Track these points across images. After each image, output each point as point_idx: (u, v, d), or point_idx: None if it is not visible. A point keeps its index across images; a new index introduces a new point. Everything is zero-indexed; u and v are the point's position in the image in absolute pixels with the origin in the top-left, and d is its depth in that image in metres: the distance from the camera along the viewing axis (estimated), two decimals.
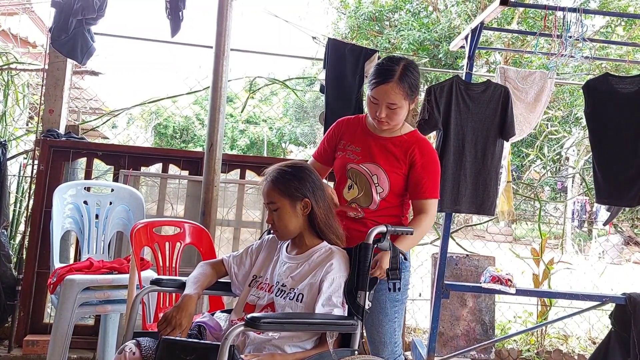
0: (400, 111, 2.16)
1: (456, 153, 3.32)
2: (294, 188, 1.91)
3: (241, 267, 2.06)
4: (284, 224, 1.92)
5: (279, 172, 1.95)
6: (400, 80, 2.11)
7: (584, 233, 14.65)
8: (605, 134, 3.40)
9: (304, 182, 1.93)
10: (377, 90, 2.14)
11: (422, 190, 2.21)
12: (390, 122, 2.18)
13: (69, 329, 2.76)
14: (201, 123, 19.36)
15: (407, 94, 2.14)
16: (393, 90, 2.11)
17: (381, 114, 2.15)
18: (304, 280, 1.86)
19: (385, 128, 2.22)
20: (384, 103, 2.14)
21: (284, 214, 1.91)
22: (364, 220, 2.21)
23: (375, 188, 2.20)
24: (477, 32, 3.44)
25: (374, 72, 2.17)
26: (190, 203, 3.69)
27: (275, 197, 1.91)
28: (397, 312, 2.26)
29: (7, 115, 4.34)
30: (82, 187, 3.35)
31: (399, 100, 2.13)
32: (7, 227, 3.81)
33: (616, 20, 13.35)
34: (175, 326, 1.76)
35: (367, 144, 2.27)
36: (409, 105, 2.19)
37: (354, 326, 1.80)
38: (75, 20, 3.65)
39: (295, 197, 1.91)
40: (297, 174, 1.94)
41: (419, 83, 2.20)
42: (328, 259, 1.88)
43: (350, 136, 2.32)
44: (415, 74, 2.18)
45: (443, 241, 3.49)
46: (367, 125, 2.32)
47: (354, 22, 15.50)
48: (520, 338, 4.54)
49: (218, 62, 3.36)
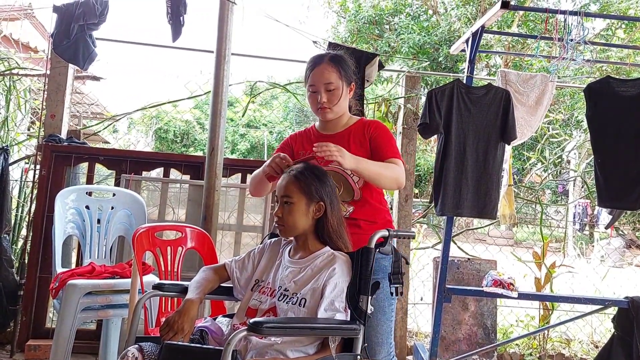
0: (337, 92, 2.22)
1: (457, 157, 3.32)
2: (315, 188, 1.93)
3: (243, 271, 2.06)
4: (294, 220, 1.92)
5: (303, 170, 1.97)
6: (331, 60, 2.23)
7: (586, 236, 14.63)
8: (606, 136, 3.40)
9: (325, 185, 1.96)
10: (312, 75, 2.24)
11: (384, 153, 2.21)
12: (331, 105, 2.22)
13: (71, 334, 2.76)
14: (202, 127, 19.39)
15: (340, 74, 2.22)
16: (326, 69, 2.21)
17: (322, 98, 2.21)
18: (307, 284, 1.86)
19: (330, 116, 2.26)
20: (321, 85, 2.22)
21: (296, 211, 1.92)
22: (357, 222, 2.22)
23: (351, 178, 2.22)
24: (477, 36, 3.45)
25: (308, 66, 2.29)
26: (192, 207, 3.69)
27: (293, 192, 1.92)
28: (393, 310, 2.29)
29: (9, 120, 4.34)
30: (83, 192, 3.36)
31: (335, 79, 2.21)
32: (9, 232, 3.81)
33: (617, 23, 13.37)
34: (177, 331, 1.75)
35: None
36: (346, 89, 2.25)
37: (357, 331, 1.79)
38: (76, 25, 3.67)
39: (312, 197, 1.92)
40: (320, 176, 1.97)
41: (350, 69, 2.28)
42: (331, 264, 1.88)
43: (306, 144, 2.34)
44: (346, 59, 2.29)
45: (444, 245, 3.49)
46: (317, 129, 2.37)
47: (354, 26, 15.54)
48: (523, 342, 4.53)
49: (219, 67, 3.37)
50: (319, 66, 2.23)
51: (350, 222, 2.20)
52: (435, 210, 3.41)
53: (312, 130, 2.39)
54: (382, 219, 2.28)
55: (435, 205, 3.38)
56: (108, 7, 3.73)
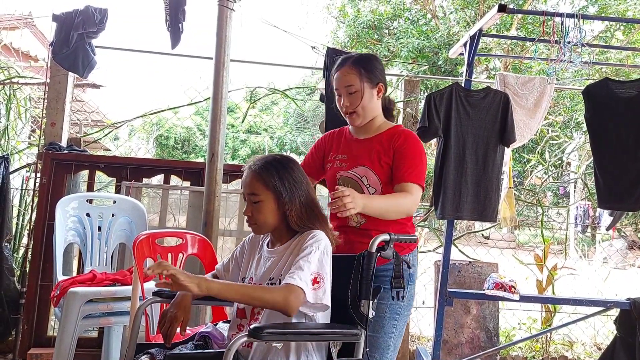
0: (359, 95, 2.18)
1: (457, 160, 3.33)
2: (280, 180, 1.83)
3: (230, 273, 2.03)
4: (265, 218, 1.85)
5: (263, 162, 1.87)
6: (353, 63, 2.19)
7: (588, 238, 14.61)
8: (605, 138, 3.40)
9: (285, 174, 1.85)
10: (335, 79, 2.22)
11: (401, 174, 2.14)
12: (354, 108, 2.19)
13: (73, 342, 2.75)
14: (202, 133, 19.41)
15: (362, 75, 2.17)
16: (347, 73, 2.18)
17: (345, 102, 2.20)
18: (285, 265, 1.82)
19: (357, 122, 2.23)
20: (343, 89, 2.20)
21: (266, 208, 1.84)
22: (368, 232, 2.13)
23: (367, 189, 2.18)
24: (475, 39, 3.46)
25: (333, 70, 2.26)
26: (192, 214, 3.69)
27: (259, 189, 1.83)
28: (396, 327, 2.15)
29: (9, 128, 4.35)
30: (84, 200, 3.36)
31: (355, 81, 2.17)
32: (10, 241, 3.82)
33: (615, 25, 13.38)
34: (172, 321, 1.76)
35: (351, 150, 2.27)
36: (370, 90, 2.20)
37: (358, 336, 1.79)
38: (76, 34, 3.69)
39: (280, 190, 1.83)
40: (285, 165, 1.88)
41: (377, 69, 2.23)
42: (304, 236, 1.82)
43: (336, 147, 2.34)
44: (371, 59, 2.25)
45: (445, 248, 3.49)
46: (350, 132, 2.34)
47: (353, 31, 15.57)
48: (525, 345, 4.52)
49: (218, 73, 3.37)
50: (340, 69, 2.20)
51: (360, 232, 2.17)
52: (436, 214, 3.40)
53: (346, 131, 2.36)
54: (400, 230, 2.16)
55: (436, 209, 3.38)
56: (107, 16, 3.75)
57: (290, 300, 1.63)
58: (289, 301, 1.63)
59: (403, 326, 2.19)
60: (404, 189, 2.12)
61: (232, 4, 3.39)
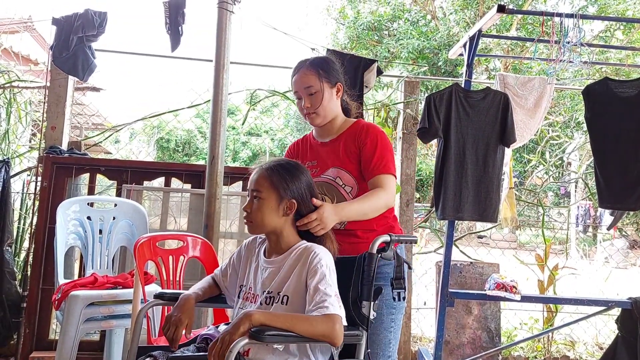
0: (319, 95, 2.19)
1: (457, 160, 3.33)
2: (287, 185, 1.84)
3: (228, 279, 2.03)
4: (262, 217, 1.84)
5: (275, 164, 1.89)
6: (310, 65, 2.21)
7: (589, 238, 14.61)
8: (605, 138, 3.40)
9: (298, 181, 1.87)
10: (294, 82, 2.23)
11: (371, 168, 2.14)
12: (315, 109, 2.20)
13: (75, 345, 2.75)
14: (203, 136, 19.43)
15: (320, 76, 2.18)
16: (305, 74, 2.19)
17: (306, 103, 2.20)
18: (287, 281, 1.81)
19: (318, 121, 2.23)
20: (302, 90, 2.20)
21: (266, 207, 1.83)
22: (354, 232, 2.16)
23: (343, 190, 2.18)
24: (475, 40, 3.46)
25: (291, 74, 2.27)
26: (193, 216, 3.69)
27: (264, 187, 1.84)
28: (394, 320, 2.17)
29: (10, 132, 4.36)
30: (85, 203, 3.36)
31: (314, 82, 2.18)
32: (12, 244, 3.82)
33: (615, 25, 13.39)
34: (176, 324, 1.76)
35: (318, 154, 2.28)
36: (330, 90, 2.21)
37: (359, 337, 1.79)
38: (75, 37, 3.70)
39: (284, 194, 1.84)
40: (292, 172, 1.88)
41: (334, 70, 2.24)
42: (307, 253, 1.81)
43: (303, 154, 2.34)
44: (327, 61, 2.26)
45: (446, 249, 3.49)
46: (314, 138, 2.35)
47: (353, 33, 15.59)
48: (527, 345, 4.52)
49: (218, 75, 3.38)
50: (299, 72, 2.22)
51: (345, 232, 2.15)
52: (436, 215, 3.41)
53: (310, 137, 2.37)
54: (383, 226, 2.19)
55: (436, 210, 3.38)
56: (106, 19, 3.76)
57: (336, 330, 1.64)
58: (335, 331, 1.64)
59: (401, 318, 2.22)
60: (377, 183, 2.12)
61: (232, 6, 3.40)
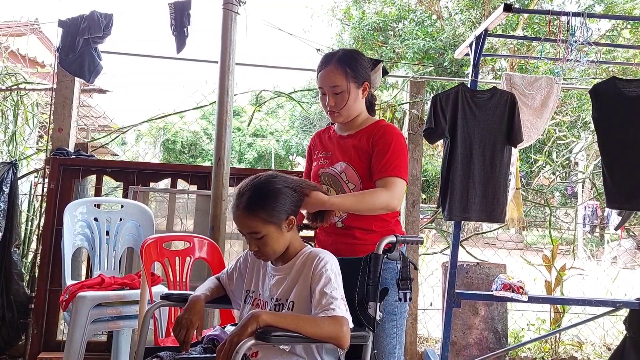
0: (345, 95, 2.15)
1: (464, 161, 3.32)
2: (276, 211, 1.78)
3: (234, 283, 2.03)
4: (273, 249, 1.80)
5: (251, 196, 1.78)
6: (338, 62, 2.14)
7: (596, 238, 14.53)
8: (613, 137, 3.37)
9: (282, 200, 1.80)
10: (320, 77, 2.18)
11: (379, 168, 2.10)
12: (339, 109, 2.17)
13: (82, 346, 2.76)
14: (209, 137, 19.48)
15: (347, 75, 2.13)
16: (332, 72, 2.14)
17: (330, 102, 2.17)
18: (293, 287, 1.81)
19: (340, 120, 2.22)
20: (328, 88, 2.16)
21: (270, 240, 1.78)
22: (352, 232, 2.14)
23: (346, 185, 2.16)
24: (481, 39, 3.45)
25: (317, 67, 2.22)
26: (200, 217, 3.70)
27: (257, 227, 1.76)
28: (396, 326, 2.11)
29: (17, 134, 4.38)
30: (92, 204, 3.37)
31: (340, 82, 2.13)
32: (19, 246, 3.84)
33: (622, 24, 13.32)
34: (187, 326, 1.75)
35: (334, 146, 2.27)
36: (356, 90, 2.18)
37: (365, 337, 1.79)
38: (82, 39, 3.71)
39: (278, 220, 1.78)
40: (272, 194, 1.79)
41: (362, 68, 2.19)
42: (311, 259, 1.81)
43: (321, 145, 2.35)
44: (355, 57, 2.19)
45: (453, 250, 3.48)
46: (334, 130, 2.34)
47: (358, 33, 15.59)
48: (534, 346, 4.50)
49: (223, 77, 3.39)
50: (326, 68, 2.15)
51: (343, 231, 2.15)
52: (443, 216, 3.40)
53: (332, 130, 2.36)
54: (383, 227, 2.14)
55: (443, 211, 3.37)
56: (112, 21, 3.77)
57: (343, 332, 1.65)
58: (342, 333, 1.64)
59: (403, 323, 2.17)
60: (383, 183, 2.09)
61: (237, 7, 3.41)
